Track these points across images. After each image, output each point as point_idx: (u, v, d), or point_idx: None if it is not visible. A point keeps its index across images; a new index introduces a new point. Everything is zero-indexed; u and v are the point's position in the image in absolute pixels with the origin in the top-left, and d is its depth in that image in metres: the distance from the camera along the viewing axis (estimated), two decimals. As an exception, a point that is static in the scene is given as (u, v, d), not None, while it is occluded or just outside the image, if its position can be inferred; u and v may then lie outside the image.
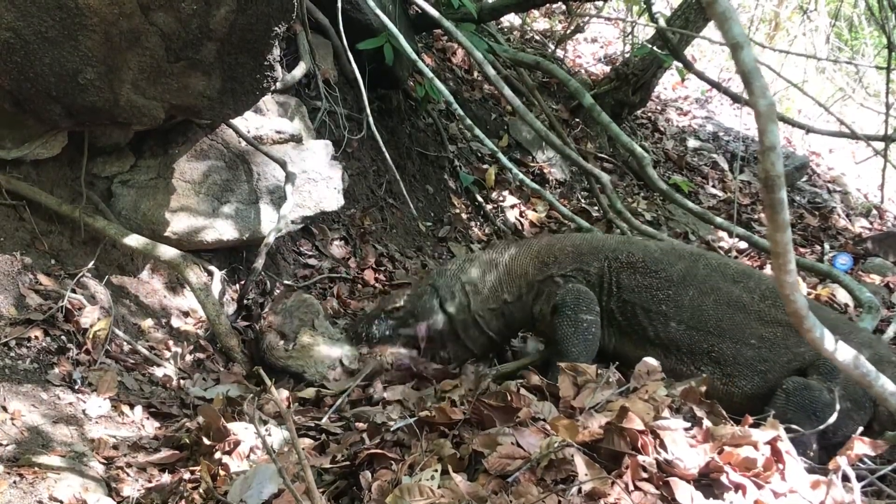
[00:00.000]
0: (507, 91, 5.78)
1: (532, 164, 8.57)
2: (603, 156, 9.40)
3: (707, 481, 2.63)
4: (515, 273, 4.67)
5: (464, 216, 7.40)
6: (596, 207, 8.02)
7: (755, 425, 2.83)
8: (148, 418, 3.88)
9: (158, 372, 4.24)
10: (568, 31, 11.07)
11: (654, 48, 8.61)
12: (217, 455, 3.33)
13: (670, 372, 3.94)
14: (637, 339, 4.29)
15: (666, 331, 4.21)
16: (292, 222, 5.33)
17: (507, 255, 4.75)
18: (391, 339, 4.68)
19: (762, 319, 4.13)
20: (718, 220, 6.27)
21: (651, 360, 3.37)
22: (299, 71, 5.92)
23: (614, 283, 4.40)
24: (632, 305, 4.32)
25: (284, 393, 4.22)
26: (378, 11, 5.57)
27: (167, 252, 4.44)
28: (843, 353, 2.42)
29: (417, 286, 4.90)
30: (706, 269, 4.33)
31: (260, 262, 4.91)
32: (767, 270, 7.27)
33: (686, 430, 2.79)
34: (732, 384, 4.07)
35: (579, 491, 2.55)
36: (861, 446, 2.74)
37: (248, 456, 3.38)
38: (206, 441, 3.38)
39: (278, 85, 5.32)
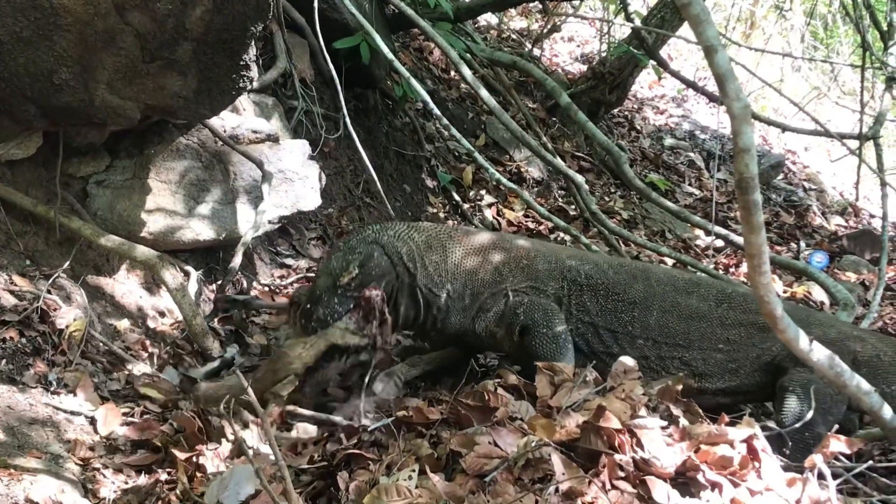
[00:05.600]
0: (484, 91, 5.79)
1: (509, 163, 8.58)
2: (580, 154, 9.42)
3: (684, 480, 2.64)
4: (462, 267, 4.31)
5: (441, 215, 7.40)
6: (573, 206, 8.04)
7: (731, 424, 2.85)
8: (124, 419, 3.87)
9: (135, 372, 4.22)
10: (545, 31, 11.09)
11: (631, 48, 8.64)
12: (194, 456, 3.32)
13: None
14: (601, 356, 4.16)
15: (633, 347, 4.17)
16: (269, 222, 5.32)
17: (454, 243, 4.35)
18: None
19: (724, 324, 4.17)
20: (695, 218, 6.29)
21: (628, 360, 3.38)
22: (276, 70, 5.92)
23: (574, 305, 4.27)
24: (594, 327, 4.24)
25: None
26: (354, 11, 5.57)
27: (143, 252, 4.41)
28: (818, 353, 2.44)
29: (355, 248, 4.22)
30: (659, 285, 4.30)
31: (237, 262, 4.89)
32: (745, 268, 7.32)
33: (663, 428, 2.80)
34: (705, 382, 4.10)
35: (556, 490, 2.56)
36: (837, 444, 2.76)
37: (231, 457, 3.37)
38: (179, 455, 3.36)
39: (255, 84, 5.31)
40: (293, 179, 5.46)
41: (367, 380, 3.91)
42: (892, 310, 6.73)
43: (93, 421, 3.70)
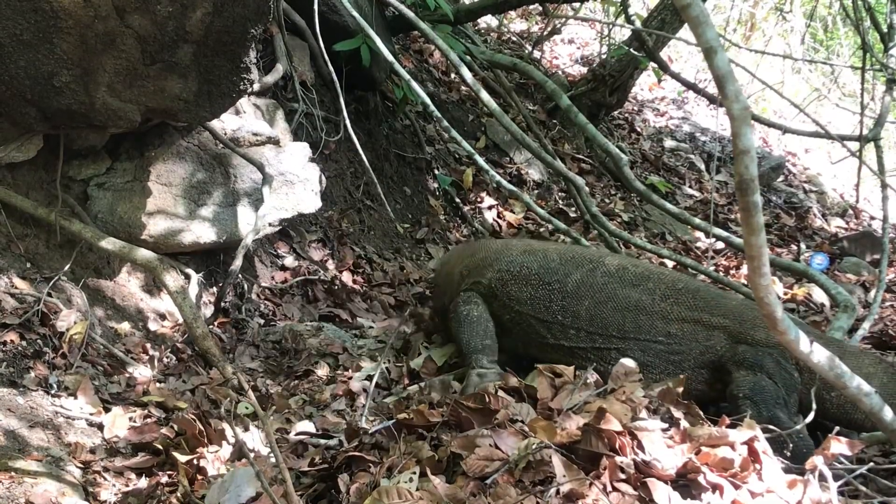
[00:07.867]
0: (484, 94, 5.78)
1: (510, 166, 8.57)
2: (580, 157, 9.41)
3: (684, 482, 2.63)
4: (460, 264, 4.78)
5: (441, 218, 7.40)
6: (573, 208, 8.04)
7: (732, 426, 2.84)
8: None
9: (136, 375, 4.22)
10: (545, 33, 11.08)
11: (631, 49, 8.64)
12: (194, 459, 3.32)
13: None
14: (539, 345, 4.26)
15: (566, 337, 4.17)
16: (270, 224, 5.32)
17: (481, 243, 5.08)
18: None
19: (665, 318, 4.12)
20: (695, 220, 6.27)
21: (628, 362, 3.37)
22: (276, 73, 5.92)
23: (504, 294, 4.37)
24: (525, 316, 4.29)
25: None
26: (354, 13, 5.57)
27: (143, 255, 4.41)
28: (818, 354, 2.43)
29: None
30: (604, 276, 4.25)
31: (237, 265, 4.89)
32: (745, 270, 7.31)
33: (663, 430, 2.80)
34: (646, 373, 4.05)
35: (557, 492, 2.55)
36: (837, 446, 2.75)
37: (231, 460, 3.37)
38: (180, 457, 3.36)
39: (255, 87, 5.31)
40: (294, 182, 5.46)
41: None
42: (893, 311, 6.71)
43: (93, 424, 3.70)
